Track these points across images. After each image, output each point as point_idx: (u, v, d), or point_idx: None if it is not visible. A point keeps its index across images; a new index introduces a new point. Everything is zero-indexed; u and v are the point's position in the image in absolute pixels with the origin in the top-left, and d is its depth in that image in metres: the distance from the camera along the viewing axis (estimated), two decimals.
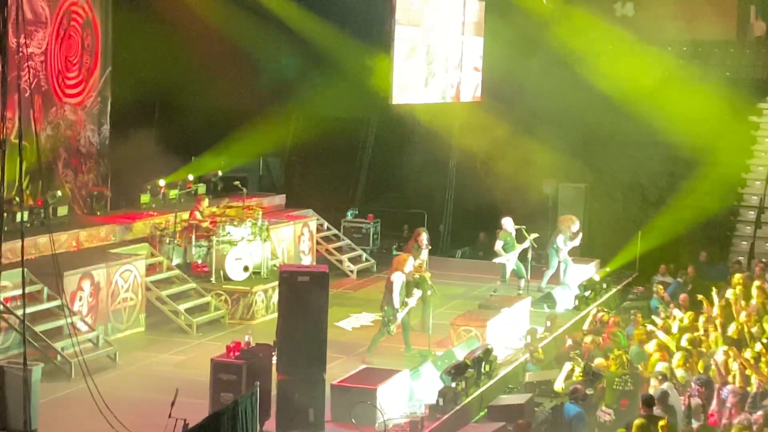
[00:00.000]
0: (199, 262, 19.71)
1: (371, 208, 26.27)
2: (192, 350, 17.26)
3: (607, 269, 22.75)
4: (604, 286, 21.75)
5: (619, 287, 22.40)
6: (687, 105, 24.93)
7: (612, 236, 24.48)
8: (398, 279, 16.58)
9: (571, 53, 25.78)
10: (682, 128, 24.95)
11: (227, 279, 19.38)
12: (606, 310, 18.98)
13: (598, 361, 15.19)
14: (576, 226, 21.49)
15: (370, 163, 28.18)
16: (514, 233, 20.72)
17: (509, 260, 20.72)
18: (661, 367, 14.44)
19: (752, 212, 26.49)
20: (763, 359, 14.85)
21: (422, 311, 17.61)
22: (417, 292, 16.86)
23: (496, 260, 20.82)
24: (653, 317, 18.24)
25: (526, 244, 20.79)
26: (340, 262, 23.41)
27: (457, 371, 14.77)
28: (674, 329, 16.98)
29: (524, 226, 20.89)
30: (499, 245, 20.65)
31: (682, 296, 19.52)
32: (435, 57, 25.58)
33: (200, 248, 19.61)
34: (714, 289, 18.70)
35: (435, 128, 26.11)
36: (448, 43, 26.08)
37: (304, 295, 13.76)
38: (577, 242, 21.66)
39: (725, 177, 26.17)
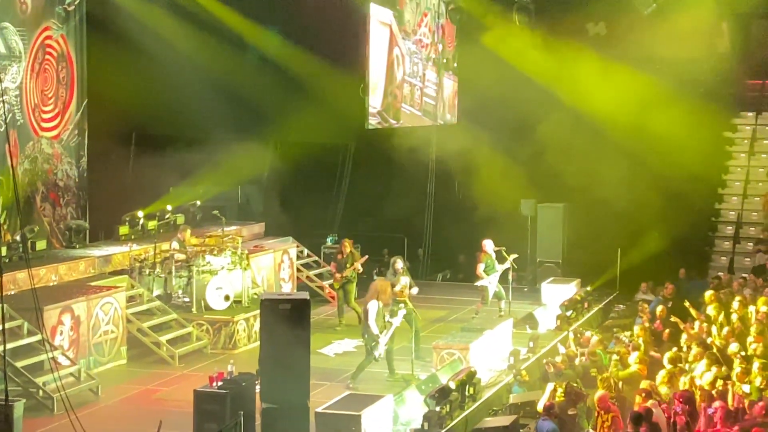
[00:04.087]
0: (180, 292, 19.66)
1: (351, 234, 26.23)
2: (175, 381, 17.18)
3: (588, 288, 22.77)
4: (586, 305, 21.77)
5: (600, 306, 22.43)
6: (662, 122, 25.08)
7: (592, 255, 24.52)
8: (372, 307, 16.57)
9: (546, 74, 25.90)
10: (658, 145, 25.10)
11: (208, 309, 19.32)
12: (588, 329, 19.00)
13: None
14: (488, 246, 20.71)
15: (349, 188, 28.20)
16: (494, 255, 20.72)
17: (491, 282, 20.70)
18: (644, 384, 14.46)
19: (730, 227, 26.69)
20: (745, 376, 14.91)
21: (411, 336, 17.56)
22: (401, 312, 16.85)
23: (478, 283, 20.80)
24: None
25: (507, 265, 20.78)
26: (321, 288, 23.37)
27: (441, 395, 14.75)
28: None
29: (504, 248, 20.90)
30: (480, 268, 20.64)
31: (660, 309, 19.57)
32: (410, 81, 25.67)
33: (180, 278, 19.57)
34: (690, 306, 18.82)
35: (412, 152, 26.16)
36: (422, 66, 26.18)
37: (285, 322, 13.77)
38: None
39: (702, 193, 26.34)
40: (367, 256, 21.24)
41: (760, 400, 13.65)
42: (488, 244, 20.73)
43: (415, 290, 18.43)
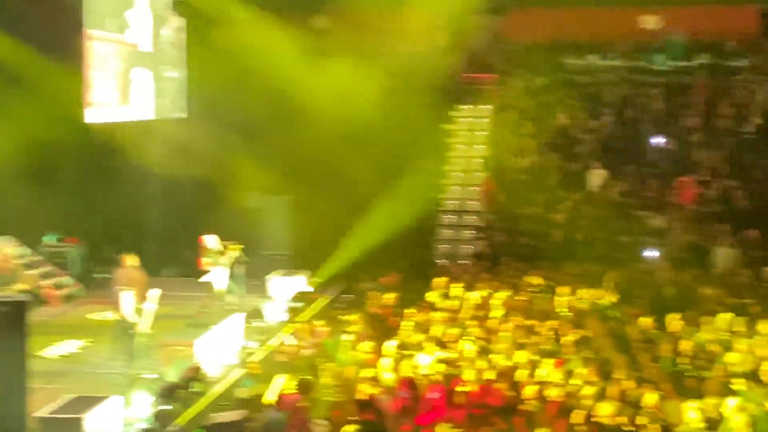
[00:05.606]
0: None
1: (75, 231, 25.50)
2: None
3: (316, 280, 23.00)
4: (314, 296, 22.01)
5: (328, 297, 22.71)
6: (386, 115, 25.63)
7: (320, 247, 24.77)
8: (128, 298, 16.80)
9: (269, 67, 25.94)
10: (380, 138, 25.64)
11: None
12: (315, 320, 19.22)
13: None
14: (209, 241, 20.77)
15: (71, 184, 27.29)
16: (217, 249, 20.57)
17: (217, 277, 20.55)
18: (369, 372, 14.75)
19: (451, 216, 27.59)
20: (465, 360, 15.47)
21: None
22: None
23: (203, 278, 20.62)
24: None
25: (232, 258, 20.69)
26: (40, 288, 22.54)
27: (169, 393, 14.57)
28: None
29: (231, 241, 20.80)
30: (204, 263, 20.47)
31: (387, 297, 20.04)
32: (132, 73, 25.13)
33: None
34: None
35: (137, 147, 25.63)
36: (146, 58, 25.70)
37: (2, 326, 13.23)
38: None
39: (425, 184, 27.09)
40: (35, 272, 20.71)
41: (479, 384, 14.19)
42: (208, 239, 20.58)
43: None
